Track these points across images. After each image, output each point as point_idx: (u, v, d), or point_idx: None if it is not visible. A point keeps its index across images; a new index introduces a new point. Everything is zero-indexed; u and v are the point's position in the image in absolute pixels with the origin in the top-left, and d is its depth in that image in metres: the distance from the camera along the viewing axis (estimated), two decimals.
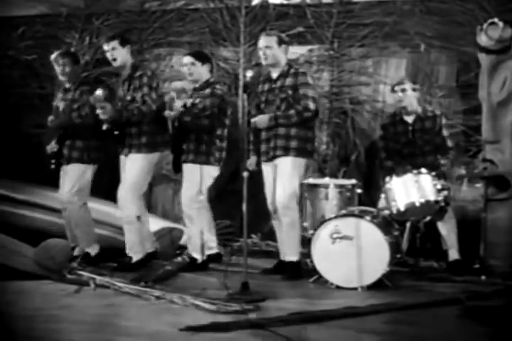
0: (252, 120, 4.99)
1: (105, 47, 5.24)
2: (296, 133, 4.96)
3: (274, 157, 4.99)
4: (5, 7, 7.06)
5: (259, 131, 5.08)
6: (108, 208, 5.84)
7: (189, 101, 5.18)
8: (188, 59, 5.27)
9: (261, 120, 4.97)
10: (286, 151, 4.96)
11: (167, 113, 5.06)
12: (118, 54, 5.19)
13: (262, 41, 5.04)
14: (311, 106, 4.92)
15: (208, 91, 5.18)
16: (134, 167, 5.16)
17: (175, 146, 5.21)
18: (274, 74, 5.08)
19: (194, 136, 5.17)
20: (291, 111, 4.92)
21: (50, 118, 5.36)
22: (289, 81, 4.99)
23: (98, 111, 5.02)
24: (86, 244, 5.38)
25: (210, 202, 5.31)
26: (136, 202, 5.15)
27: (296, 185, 4.94)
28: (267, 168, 5.10)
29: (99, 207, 5.74)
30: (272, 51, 4.99)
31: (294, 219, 4.92)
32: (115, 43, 5.18)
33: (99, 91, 5.04)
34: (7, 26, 7.11)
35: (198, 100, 5.17)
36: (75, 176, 5.31)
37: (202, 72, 5.26)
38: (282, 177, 4.93)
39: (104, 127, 5.13)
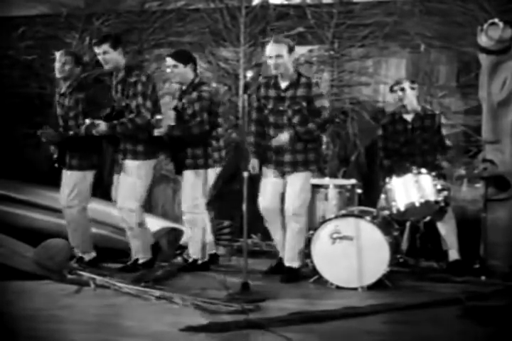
0: (273, 142, 4.79)
1: (96, 50, 5.06)
2: (312, 146, 4.88)
3: (293, 172, 4.87)
4: (5, 7, 7.05)
5: (261, 134, 4.99)
6: (108, 208, 5.83)
7: (179, 105, 5.10)
8: (170, 61, 5.10)
9: (281, 140, 4.75)
10: (306, 166, 4.86)
11: (156, 132, 4.94)
12: (110, 57, 5.03)
13: (272, 50, 4.78)
14: (328, 117, 4.82)
15: (195, 94, 5.04)
16: (133, 178, 5.07)
17: (171, 155, 5.16)
18: (283, 83, 4.87)
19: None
20: (312, 126, 4.76)
21: (41, 130, 5.21)
22: (300, 91, 4.81)
23: (93, 131, 4.89)
24: (81, 250, 5.34)
25: (211, 202, 5.31)
26: (138, 211, 5.13)
27: (308, 193, 4.89)
28: (271, 178, 4.95)
29: (99, 207, 5.74)
30: (283, 60, 4.75)
31: (303, 227, 4.85)
32: (106, 46, 5.00)
33: (87, 121, 4.92)
34: (7, 26, 7.10)
35: (186, 105, 5.05)
36: (73, 182, 5.24)
37: (186, 72, 5.09)
38: (296, 188, 4.84)
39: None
